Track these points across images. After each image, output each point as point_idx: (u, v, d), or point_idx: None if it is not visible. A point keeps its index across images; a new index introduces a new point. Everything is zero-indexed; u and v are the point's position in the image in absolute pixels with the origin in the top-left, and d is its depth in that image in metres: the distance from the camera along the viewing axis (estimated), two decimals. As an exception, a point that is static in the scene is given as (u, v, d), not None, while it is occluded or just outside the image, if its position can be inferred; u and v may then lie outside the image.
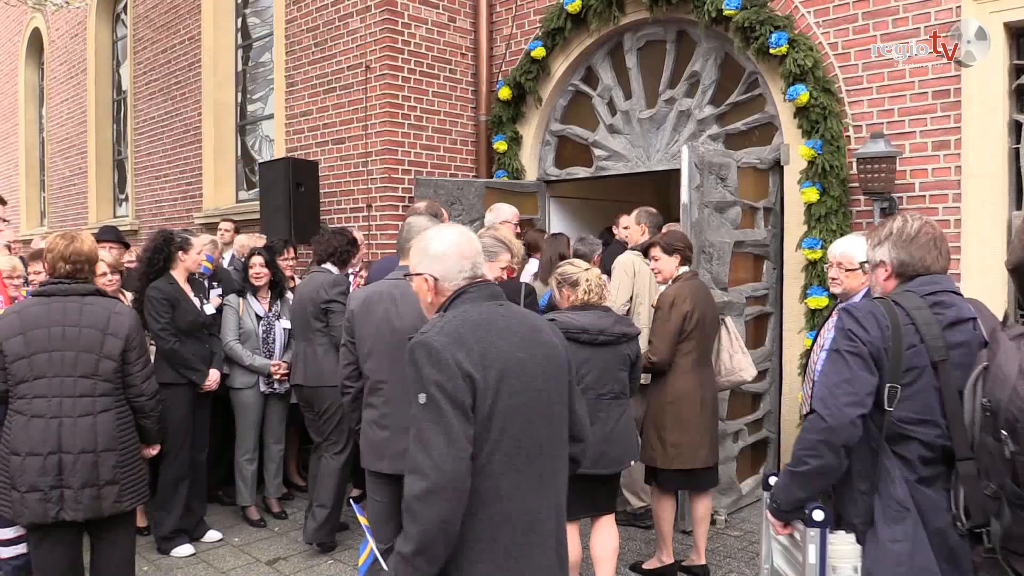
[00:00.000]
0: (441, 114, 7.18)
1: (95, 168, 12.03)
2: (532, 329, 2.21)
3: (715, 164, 5.35)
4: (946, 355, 2.18)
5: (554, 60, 6.95)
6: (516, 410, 2.06)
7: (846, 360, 2.22)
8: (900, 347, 2.19)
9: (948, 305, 2.26)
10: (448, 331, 2.06)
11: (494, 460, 2.02)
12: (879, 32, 5.17)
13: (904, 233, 2.36)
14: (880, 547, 2.20)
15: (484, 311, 2.15)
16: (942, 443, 2.18)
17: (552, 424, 2.17)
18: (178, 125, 9.88)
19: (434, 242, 2.25)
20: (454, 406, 1.96)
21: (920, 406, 2.19)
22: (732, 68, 6.08)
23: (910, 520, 2.18)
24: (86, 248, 3.43)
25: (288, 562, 4.68)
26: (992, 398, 2.01)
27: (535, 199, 7.23)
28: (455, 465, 1.93)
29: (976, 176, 4.79)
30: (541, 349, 2.18)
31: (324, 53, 7.36)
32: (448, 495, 1.93)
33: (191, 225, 8.93)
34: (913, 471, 2.21)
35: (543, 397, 2.14)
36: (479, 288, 2.21)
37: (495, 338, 2.08)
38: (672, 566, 4.36)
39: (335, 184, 7.21)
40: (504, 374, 2.04)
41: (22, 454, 3.26)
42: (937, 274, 2.34)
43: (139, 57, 10.75)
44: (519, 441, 2.06)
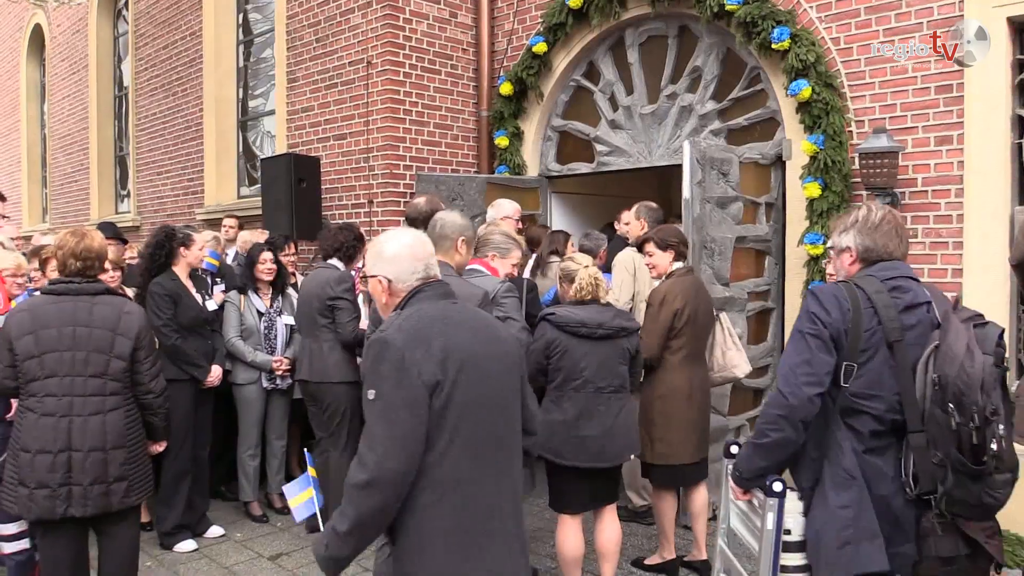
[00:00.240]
0: (443, 110, 7.17)
1: (97, 164, 12.03)
2: (487, 325, 2.33)
3: (717, 159, 5.34)
4: (901, 336, 2.37)
5: (555, 55, 6.94)
6: (473, 402, 2.14)
7: (807, 342, 2.40)
8: (859, 328, 2.37)
9: (905, 290, 2.44)
10: (406, 328, 2.14)
11: (452, 449, 2.09)
12: (881, 27, 5.15)
13: (869, 221, 2.54)
14: (828, 511, 2.38)
15: (440, 308, 2.25)
16: (892, 417, 2.37)
17: (508, 416, 2.27)
18: (179, 121, 9.88)
19: (388, 245, 2.35)
20: (405, 405, 2.04)
21: (873, 382, 2.38)
22: (734, 63, 6.07)
23: (856, 487, 2.36)
24: (96, 245, 3.45)
25: (291, 557, 4.69)
26: (942, 374, 2.24)
27: (536, 195, 7.22)
28: (396, 465, 2.03)
29: (978, 171, 4.78)
30: (496, 345, 2.28)
31: (325, 49, 7.36)
32: (386, 490, 2.03)
33: (193, 221, 8.95)
34: (862, 442, 2.39)
35: (499, 390, 2.24)
36: (433, 287, 2.31)
37: (452, 332, 2.18)
38: (673, 561, 4.37)
39: (336, 180, 7.21)
40: (462, 367, 2.13)
41: (32, 451, 3.28)
42: (897, 260, 2.52)
43: (140, 53, 10.75)
44: (476, 431, 2.15)
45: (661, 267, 4.37)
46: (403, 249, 2.32)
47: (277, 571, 4.49)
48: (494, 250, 3.95)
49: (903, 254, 2.53)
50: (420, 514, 2.09)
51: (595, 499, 3.84)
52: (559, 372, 3.72)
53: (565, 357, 3.69)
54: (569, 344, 3.68)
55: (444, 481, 2.09)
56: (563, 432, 3.67)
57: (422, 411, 2.05)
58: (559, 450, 3.68)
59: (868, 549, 2.34)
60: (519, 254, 4.05)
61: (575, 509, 3.83)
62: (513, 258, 4.00)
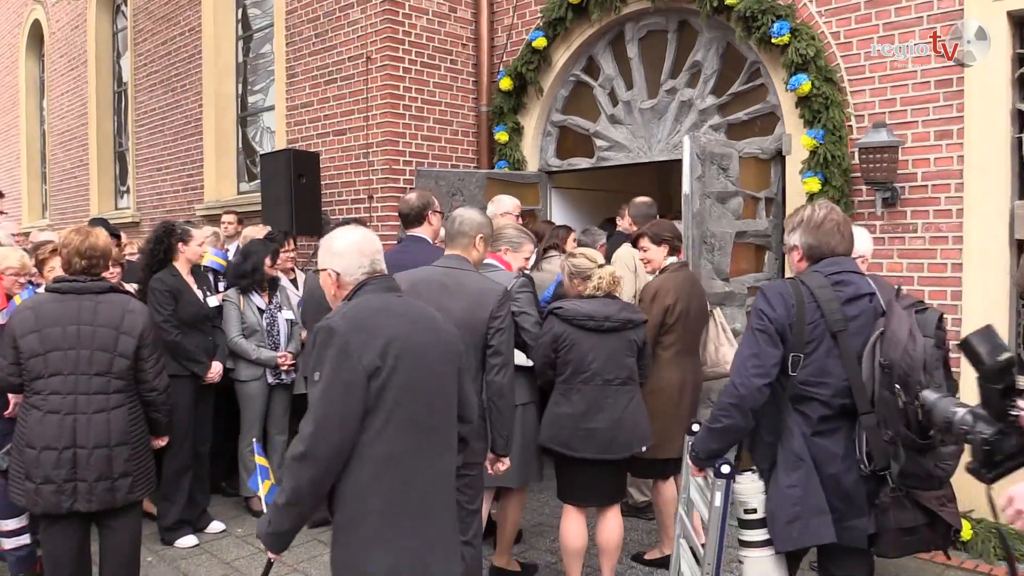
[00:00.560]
0: (442, 105, 7.17)
1: (96, 160, 12.02)
2: (427, 317, 2.50)
3: (717, 154, 5.34)
4: (844, 326, 2.55)
5: (555, 50, 6.93)
6: (410, 386, 2.31)
7: (756, 337, 2.60)
8: (803, 322, 2.57)
9: (848, 283, 2.62)
10: (350, 316, 2.34)
11: (388, 429, 2.26)
12: (881, 21, 5.15)
13: (812, 221, 2.72)
14: (779, 491, 2.60)
15: (383, 300, 2.44)
16: (839, 401, 2.55)
17: (444, 402, 2.45)
18: (179, 117, 9.87)
19: (337, 241, 2.54)
20: (347, 389, 2.21)
21: (819, 371, 2.56)
22: (734, 58, 6.06)
23: (804, 469, 2.56)
24: (101, 243, 3.48)
25: (292, 552, 4.70)
26: (887, 358, 2.43)
27: (536, 190, 7.22)
28: (331, 441, 2.20)
29: (978, 166, 4.78)
30: (435, 334, 2.45)
31: (325, 44, 7.35)
32: (320, 463, 2.20)
33: (192, 217, 8.94)
34: (811, 426, 2.58)
35: (436, 377, 2.41)
36: (378, 281, 2.48)
37: (393, 322, 2.35)
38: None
39: (336, 175, 7.21)
40: (401, 353, 2.29)
41: (37, 448, 3.31)
42: (840, 256, 2.69)
43: (139, 49, 10.74)
44: (412, 414, 2.31)
45: (655, 262, 4.37)
46: (351, 246, 2.50)
47: (277, 567, 4.49)
48: (507, 244, 4.00)
49: (846, 250, 2.71)
50: (356, 489, 2.24)
51: (602, 494, 3.86)
52: (567, 365, 3.74)
53: (573, 350, 3.71)
54: (577, 337, 3.71)
55: (379, 459, 2.25)
56: (572, 425, 3.70)
57: (360, 393, 2.22)
58: (568, 442, 3.71)
59: (815, 524, 2.54)
60: (531, 247, 4.12)
61: (582, 502, 3.86)
62: (526, 251, 4.06)
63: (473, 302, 3.23)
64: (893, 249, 5.07)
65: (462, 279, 3.30)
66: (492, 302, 3.25)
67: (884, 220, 5.09)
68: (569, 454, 3.73)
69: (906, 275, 5.03)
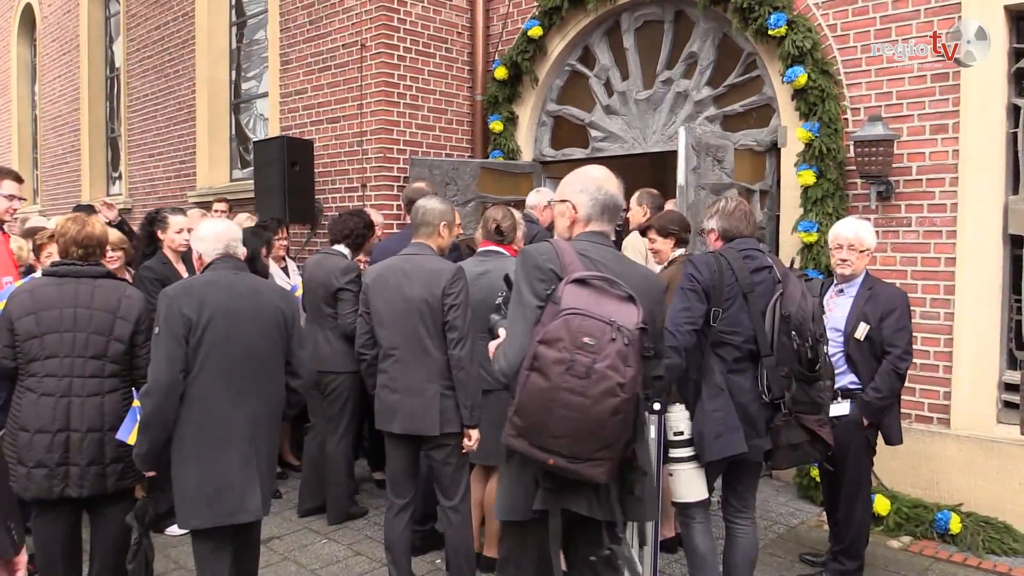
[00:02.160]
0: (437, 93, 7.13)
1: (88, 146, 11.95)
2: (252, 291, 3.18)
3: (712, 146, 5.33)
4: (752, 289, 3.26)
5: (551, 40, 6.90)
6: (221, 343, 3.03)
7: (687, 295, 3.25)
8: (722, 284, 3.24)
9: (754, 257, 3.34)
10: (184, 286, 3.16)
11: (202, 376, 3.02)
12: (878, 14, 5.13)
13: (725, 210, 3.45)
14: (705, 415, 3.24)
15: (218, 276, 3.17)
16: (747, 347, 3.25)
17: (256, 358, 3.12)
18: (172, 103, 9.81)
19: (201, 228, 3.31)
20: (172, 336, 2.98)
21: (733, 322, 3.25)
22: (730, 49, 6.04)
23: (723, 397, 3.24)
24: (98, 232, 3.53)
25: (282, 541, 4.69)
26: (786, 311, 3.19)
27: (530, 180, 7.20)
28: (166, 376, 2.97)
29: (974, 160, 4.78)
30: (252, 303, 3.14)
31: (319, 31, 7.30)
32: (158, 395, 2.96)
33: (185, 204, 8.89)
34: (726, 365, 3.27)
35: (247, 338, 3.09)
36: (223, 262, 3.21)
37: (214, 293, 3.08)
38: (674, 539, 4.40)
39: (330, 163, 7.18)
40: (214, 316, 3.03)
41: (31, 431, 3.31)
42: (747, 237, 3.41)
43: (132, 34, 10.66)
44: (221, 365, 3.03)
45: (663, 253, 4.38)
46: (210, 232, 3.25)
47: (268, 554, 4.49)
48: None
49: (751, 232, 3.45)
50: (178, 420, 3.01)
51: None
52: None
53: None
54: None
55: (192, 398, 3.01)
56: None
57: (182, 342, 2.98)
58: None
59: (733, 438, 3.21)
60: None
61: None
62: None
63: (427, 283, 3.56)
64: (887, 243, 5.06)
65: (420, 263, 3.63)
66: (444, 281, 3.55)
67: (878, 214, 5.09)
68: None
69: (899, 269, 5.03)
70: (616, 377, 2.12)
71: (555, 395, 2.15)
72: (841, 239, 3.96)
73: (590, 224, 2.55)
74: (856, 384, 3.88)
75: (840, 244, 3.95)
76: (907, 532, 4.75)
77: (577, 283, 2.25)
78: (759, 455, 3.31)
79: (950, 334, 4.87)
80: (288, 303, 3.30)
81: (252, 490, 3.10)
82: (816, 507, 5.17)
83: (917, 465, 4.94)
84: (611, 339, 2.15)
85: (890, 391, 3.83)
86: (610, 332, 2.15)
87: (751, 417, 3.25)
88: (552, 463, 2.20)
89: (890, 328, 3.82)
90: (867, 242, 3.93)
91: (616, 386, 2.12)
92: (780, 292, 3.23)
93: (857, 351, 3.87)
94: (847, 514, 3.97)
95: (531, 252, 2.44)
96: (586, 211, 2.55)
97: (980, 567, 4.38)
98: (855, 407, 3.86)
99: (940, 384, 4.93)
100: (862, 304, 3.89)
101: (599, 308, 2.20)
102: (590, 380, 2.12)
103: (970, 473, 4.78)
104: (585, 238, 2.52)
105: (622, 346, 2.15)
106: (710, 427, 3.22)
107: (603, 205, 2.53)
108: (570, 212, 2.57)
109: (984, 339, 4.77)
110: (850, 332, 3.88)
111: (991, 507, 4.67)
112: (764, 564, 4.36)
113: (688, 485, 3.33)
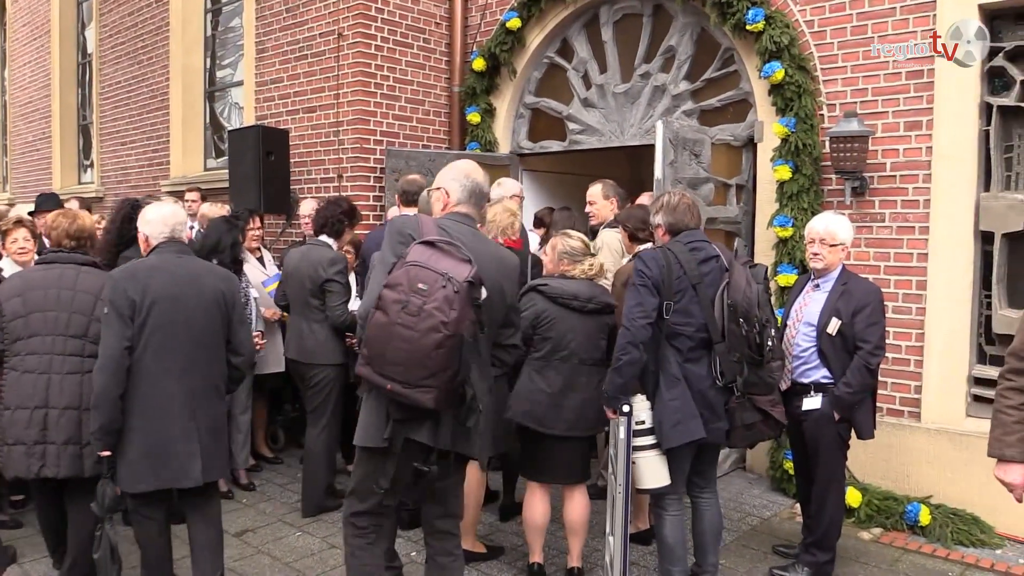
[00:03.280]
0: (414, 84, 7.09)
1: (59, 133, 11.77)
2: (193, 275, 3.39)
3: (689, 140, 5.34)
4: (700, 280, 3.42)
5: (529, 31, 6.88)
6: (163, 325, 3.25)
7: (639, 291, 3.38)
8: (671, 278, 3.39)
9: (700, 249, 3.49)
10: (129, 269, 3.36)
11: (146, 354, 3.24)
12: (855, 11, 5.16)
13: (670, 204, 3.59)
14: (663, 404, 3.42)
15: (162, 260, 3.38)
16: (700, 336, 3.42)
17: (197, 337, 3.34)
18: (145, 90, 9.68)
19: (148, 212, 3.50)
20: (118, 316, 3.20)
21: (684, 313, 3.41)
22: (708, 44, 6.06)
23: (680, 386, 3.41)
24: (88, 224, 3.88)
25: (256, 534, 4.66)
26: (733, 300, 3.36)
27: (508, 172, 7.17)
28: (113, 353, 3.18)
29: (947, 157, 4.83)
30: (193, 287, 3.36)
31: (296, 19, 7.23)
32: (106, 371, 3.17)
33: (158, 193, 8.79)
34: (682, 355, 3.44)
35: (188, 319, 3.31)
36: (168, 245, 3.42)
37: (157, 276, 3.30)
38: (647, 531, 4.44)
39: (306, 153, 7.12)
40: (156, 299, 3.24)
41: (12, 408, 3.48)
42: (693, 230, 3.56)
43: (105, 20, 10.49)
44: (163, 344, 3.26)
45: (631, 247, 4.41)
46: (157, 216, 3.45)
47: (243, 547, 4.46)
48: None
49: (696, 225, 3.60)
50: (127, 397, 3.21)
51: (569, 472, 3.92)
52: (547, 342, 3.80)
53: (554, 328, 3.79)
54: (559, 315, 3.79)
55: (137, 373, 3.23)
56: (547, 402, 3.77)
57: (128, 322, 3.20)
58: (542, 418, 3.77)
59: (691, 425, 3.39)
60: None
61: (548, 478, 3.92)
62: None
63: None
64: (861, 238, 5.10)
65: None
66: None
67: (853, 209, 5.13)
68: (541, 430, 3.78)
69: (872, 264, 5.08)
70: (440, 316, 2.54)
71: (392, 329, 2.57)
72: (813, 233, 4.00)
73: (459, 207, 2.98)
74: (828, 378, 3.91)
75: (812, 238, 3.99)
76: (878, 524, 4.82)
77: (424, 244, 2.70)
78: (721, 437, 3.50)
79: (922, 328, 4.93)
80: (229, 285, 3.49)
81: (194, 458, 3.33)
82: (789, 499, 5.22)
83: (888, 458, 5.00)
84: (441, 287, 2.56)
85: (861, 386, 3.85)
86: (441, 281, 2.57)
87: (710, 402, 3.43)
88: (390, 388, 2.62)
89: (862, 323, 3.83)
90: (839, 236, 3.95)
91: (440, 323, 2.54)
92: (727, 281, 3.41)
93: (830, 346, 3.89)
94: (819, 507, 4.01)
95: (397, 221, 2.94)
96: (456, 196, 2.99)
97: (948, 558, 4.45)
98: (827, 401, 3.89)
99: (911, 378, 4.99)
100: (835, 299, 3.91)
101: (436, 263, 2.62)
102: (419, 318, 2.55)
103: (939, 466, 4.85)
104: (450, 217, 2.95)
105: (451, 293, 2.56)
106: (668, 416, 3.40)
107: (470, 191, 2.99)
108: (443, 197, 3.01)
109: (955, 334, 4.83)
110: (823, 327, 3.90)
111: (959, 499, 4.74)
112: (738, 556, 4.41)
113: (650, 472, 3.49)
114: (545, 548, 4.07)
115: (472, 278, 2.61)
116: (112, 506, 3.31)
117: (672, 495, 3.57)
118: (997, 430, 2.59)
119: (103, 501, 3.30)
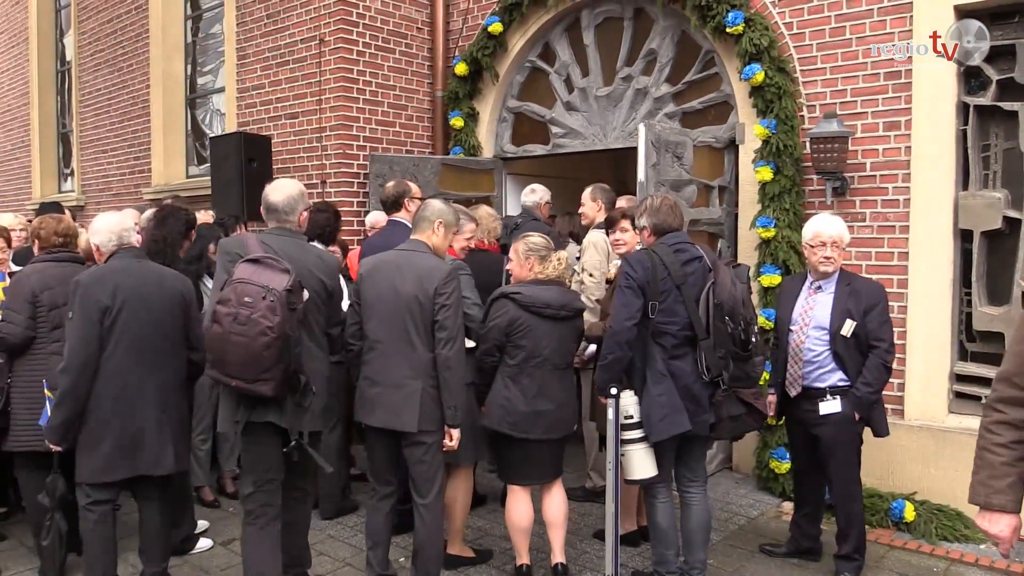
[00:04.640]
0: (397, 89, 7.09)
1: (39, 142, 11.67)
2: (157, 276, 3.71)
3: (671, 143, 5.37)
4: (684, 280, 3.54)
5: (511, 36, 6.90)
6: (132, 324, 3.54)
7: (625, 293, 3.52)
8: (656, 279, 3.52)
9: (684, 250, 3.61)
10: (95, 274, 3.59)
11: (117, 352, 3.51)
12: (833, 13, 5.21)
13: (653, 207, 3.70)
14: (651, 399, 3.56)
15: (123, 264, 3.64)
16: (684, 333, 3.56)
17: (163, 335, 3.65)
18: (125, 97, 9.62)
19: (97, 223, 3.75)
20: (86, 320, 3.45)
21: (669, 312, 3.54)
22: (689, 46, 6.09)
23: (666, 382, 3.55)
24: (73, 225, 4.37)
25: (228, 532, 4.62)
26: (719, 299, 3.52)
27: (491, 176, 7.20)
28: (81, 355, 3.44)
29: (925, 157, 4.88)
30: (159, 290, 3.66)
31: (277, 25, 7.21)
32: (73, 373, 3.44)
33: (140, 201, 8.73)
34: (667, 352, 3.57)
35: (155, 318, 3.61)
36: (125, 251, 3.70)
37: (124, 278, 3.58)
38: (635, 532, 4.46)
39: (288, 160, 7.10)
40: (126, 300, 3.52)
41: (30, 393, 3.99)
42: (677, 231, 3.67)
43: (84, 27, 10.42)
44: (133, 342, 3.54)
45: (630, 245, 4.36)
46: (105, 225, 3.71)
47: (229, 556, 4.43)
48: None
49: (680, 226, 3.70)
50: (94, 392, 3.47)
51: (546, 472, 3.96)
52: (520, 350, 3.79)
53: (528, 336, 3.78)
54: (532, 323, 3.78)
55: (108, 372, 3.50)
56: (524, 408, 3.78)
57: (96, 325, 3.46)
58: (519, 424, 3.79)
59: (677, 419, 3.52)
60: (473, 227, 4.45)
61: (527, 481, 3.95)
62: (466, 232, 4.35)
63: (420, 280, 3.56)
64: (842, 238, 5.14)
65: (414, 260, 3.64)
66: (438, 280, 3.55)
67: (834, 209, 5.16)
68: (519, 436, 3.79)
69: (854, 263, 5.12)
70: (266, 323, 3.05)
71: (227, 337, 3.09)
72: (824, 236, 3.93)
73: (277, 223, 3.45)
74: (845, 381, 3.91)
75: (824, 242, 3.93)
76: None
77: (248, 261, 3.19)
78: (705, 429, 3.64)
79: (904, 327, 4.97)
80: (187, 286, 3.84)
81: (166, 447, 3.65)
82: (775, 498, 5.25)
83: (872, 455, 5.02)
84: (263, 298, 3.07)
85: (880, 385, 3.88)
86: (262, 292, 3.08)
87: (695, 396, 3.57)
88: (234, 384, 3.15)
89: (875, 322, 3.85)
90: (847, 238, 4.02)
91: (267, 328, 3.05)
92: (712, 281, 3.56)
93: (844, 348, 3.89)
94: (847, 512, 3.97)
95: (225, 243, 3.50)
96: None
97: (933, 553, 4.48)
98: (846, 404, 3.90)
99: (894, 375, 5.00)
100: (843, 300, 3.91)
101: (258, 277, 3.11)
102: (248, 326, 3.06)
103: (923, 462, 4.89)
104: (272, 232, 3.43)
105: (271, 302, 3.07)
106: (655, 410, 3.53)
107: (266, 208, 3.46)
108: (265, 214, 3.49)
109: (936, 332, 4.88)
110: (836, 329, 3.89)
111: (943, 495, 4.79)
112: (725, 555, 4.42)
113: (638, 464, 3.62)
114: (532, 550, 4.08)
115: (290, 286, 3.11)
116: (62, 500, 3.77)
117: (661, 484, 3.70)
118: (982, 472, 2.20)
119: (54, 494, 3.77)
